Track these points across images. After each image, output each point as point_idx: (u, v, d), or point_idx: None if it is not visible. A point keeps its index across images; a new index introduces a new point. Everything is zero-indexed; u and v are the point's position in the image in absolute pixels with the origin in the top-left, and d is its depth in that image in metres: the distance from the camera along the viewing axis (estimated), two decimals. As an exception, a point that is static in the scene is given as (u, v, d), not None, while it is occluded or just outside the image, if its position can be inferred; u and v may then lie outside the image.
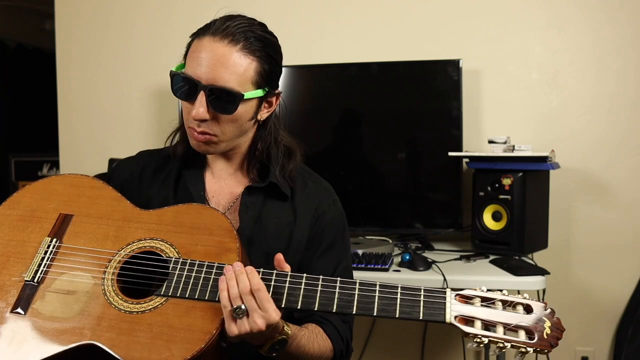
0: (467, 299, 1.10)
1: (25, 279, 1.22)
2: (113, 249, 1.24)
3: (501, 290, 1.12)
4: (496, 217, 2.22)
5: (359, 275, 1.99)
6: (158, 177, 1.41)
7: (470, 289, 1.11)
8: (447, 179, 2.38)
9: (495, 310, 1.08)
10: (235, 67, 1.22)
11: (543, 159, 2.16)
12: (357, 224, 2.44)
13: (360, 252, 2.13)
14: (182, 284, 1.16)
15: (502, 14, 2.49)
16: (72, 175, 1.37)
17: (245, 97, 1.24)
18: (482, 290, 1.11)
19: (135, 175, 1.43)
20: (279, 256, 1.17)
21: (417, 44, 2.54)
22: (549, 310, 1.11)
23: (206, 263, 1.17)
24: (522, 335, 1.06)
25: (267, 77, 1.27)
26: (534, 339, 1.06)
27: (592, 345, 2.48)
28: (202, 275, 1.16)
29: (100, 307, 1.17)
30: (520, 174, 2.16)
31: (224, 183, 1.39)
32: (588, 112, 2.45)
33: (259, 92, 1.27)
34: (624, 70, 2.41)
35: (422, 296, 1.10)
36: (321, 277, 1.14)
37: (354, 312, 1.11)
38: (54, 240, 1.27)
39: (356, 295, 1.12)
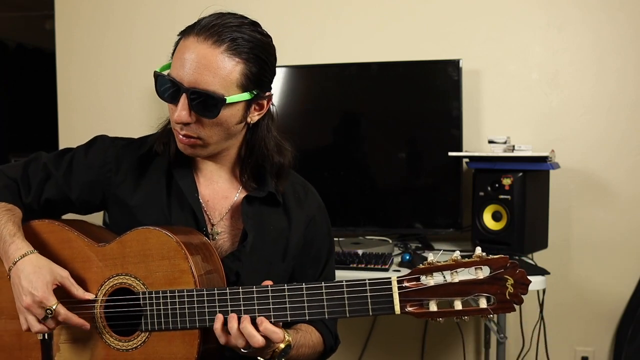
0: (417, 280, 1.06)
1: (39, 338, 1.28)
2: (92, 293, 1.27)
3: (469, 257, 1.03)
4: (496, 217, 2.22)
5: (359, 275, 2.00)
6: (143, 176, 1.35)
7: (423, 264, 1.06)
8: (447, 179, 2.37)
9: (450, 282, 1.03)
10: (218, 69, 1.17)
11: (543, 159, 2.16)
12: (357, 224, 2.44)
13: (360, 252, 2.13)
14: (156, 318, 1.20)
15: (502, 14, 2.49)
16: (34, 222, 1.36)
17: (228, 102, 1.18)
18: (434, 263, 1.05)
19: (111, 171, 1.35)
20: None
21: (417, 44, 2.54)
22: (510, 265, 1.02)
23: (168, 294, 1.20)
24: (482, 302, 1.02)
25: (255, 80, 1.21)
26: (493, 303, 1.02)
27: (592, 345, 2.48)
28: (174, 306, 1.19)
29: (103, 350, 1.25)
30: (520, 174, 2.16)
31: (217, 187, 1.35)
32: (588, 112, 2.45)
33: (245, 96, 1.21)
34: (624, 70, 2.41)
35: (367, 290, 1.08)
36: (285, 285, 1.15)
37: (307, 318, 1.13)
38: None
39: (305, 301, 1.12)
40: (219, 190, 1.35)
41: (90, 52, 2.85)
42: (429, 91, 2.40)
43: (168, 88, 1.20)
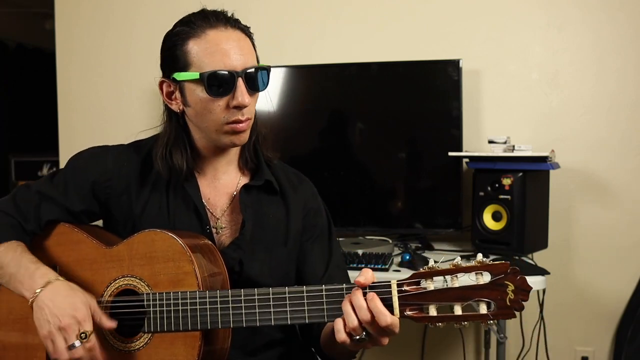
0: (417, 284, 1.05)
1: None
2: (98, 294, 1.28)
3: (468, 257, 1.03)
4: (496, 217, 2.22)
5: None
6: (144, 180, 1.36)
7: (423, 268, 1.06)
8: (447, 179, 2.37)
9: (450, 287, 1.03)
10: (250, 47, 1.29)
11: (543, 159, 2.16)
12: (357, 224, 2.44)
13: (360, 252, 2.13)
14: (159, 319, 1.20)
15: (502, 14, 2.49)
16: None
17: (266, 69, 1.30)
18: (434, 267, 1.05)
19: (111, 179, 1.36)
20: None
21: (417, 44, 2.54)
22: (511, 271, 1.03)
23: (172, 294, 1.20)
24: (482, 308, 1.01)
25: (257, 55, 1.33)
26: (493, 309, 1.01)
27: (592, 345, 2.48)
28: (177, 308, 1.19)
29: (106, 351, 1.25)
30: (520, 174, 2.16)
31: (218, 184, 1.38)
32: (588, 112, 2.45)
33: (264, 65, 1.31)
34: (624, 70, 2.41)
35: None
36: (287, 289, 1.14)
37: (307, 321, 1.12)
38: None
39: (306, 304, 1.12)
40: (219, 187, 1.38)
41: (90, 52, 2.85)
42: (429, 91, 2.40)
43: (222, 82, 1.24)
